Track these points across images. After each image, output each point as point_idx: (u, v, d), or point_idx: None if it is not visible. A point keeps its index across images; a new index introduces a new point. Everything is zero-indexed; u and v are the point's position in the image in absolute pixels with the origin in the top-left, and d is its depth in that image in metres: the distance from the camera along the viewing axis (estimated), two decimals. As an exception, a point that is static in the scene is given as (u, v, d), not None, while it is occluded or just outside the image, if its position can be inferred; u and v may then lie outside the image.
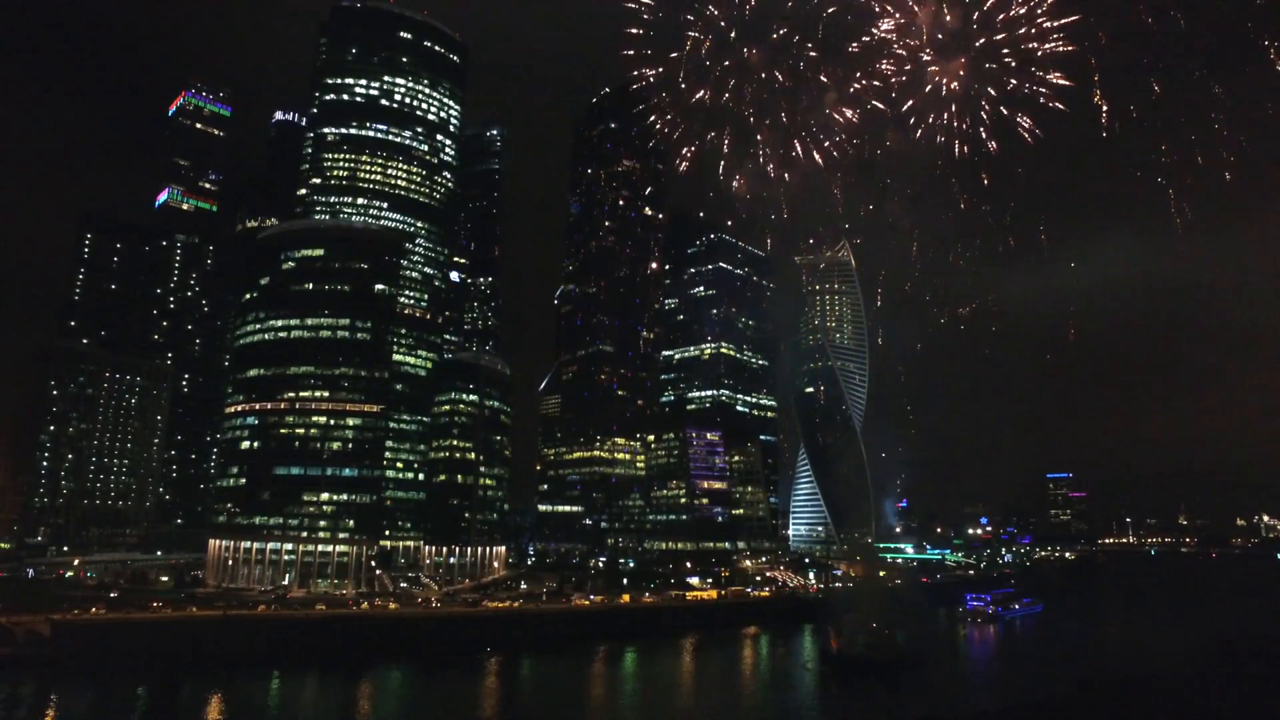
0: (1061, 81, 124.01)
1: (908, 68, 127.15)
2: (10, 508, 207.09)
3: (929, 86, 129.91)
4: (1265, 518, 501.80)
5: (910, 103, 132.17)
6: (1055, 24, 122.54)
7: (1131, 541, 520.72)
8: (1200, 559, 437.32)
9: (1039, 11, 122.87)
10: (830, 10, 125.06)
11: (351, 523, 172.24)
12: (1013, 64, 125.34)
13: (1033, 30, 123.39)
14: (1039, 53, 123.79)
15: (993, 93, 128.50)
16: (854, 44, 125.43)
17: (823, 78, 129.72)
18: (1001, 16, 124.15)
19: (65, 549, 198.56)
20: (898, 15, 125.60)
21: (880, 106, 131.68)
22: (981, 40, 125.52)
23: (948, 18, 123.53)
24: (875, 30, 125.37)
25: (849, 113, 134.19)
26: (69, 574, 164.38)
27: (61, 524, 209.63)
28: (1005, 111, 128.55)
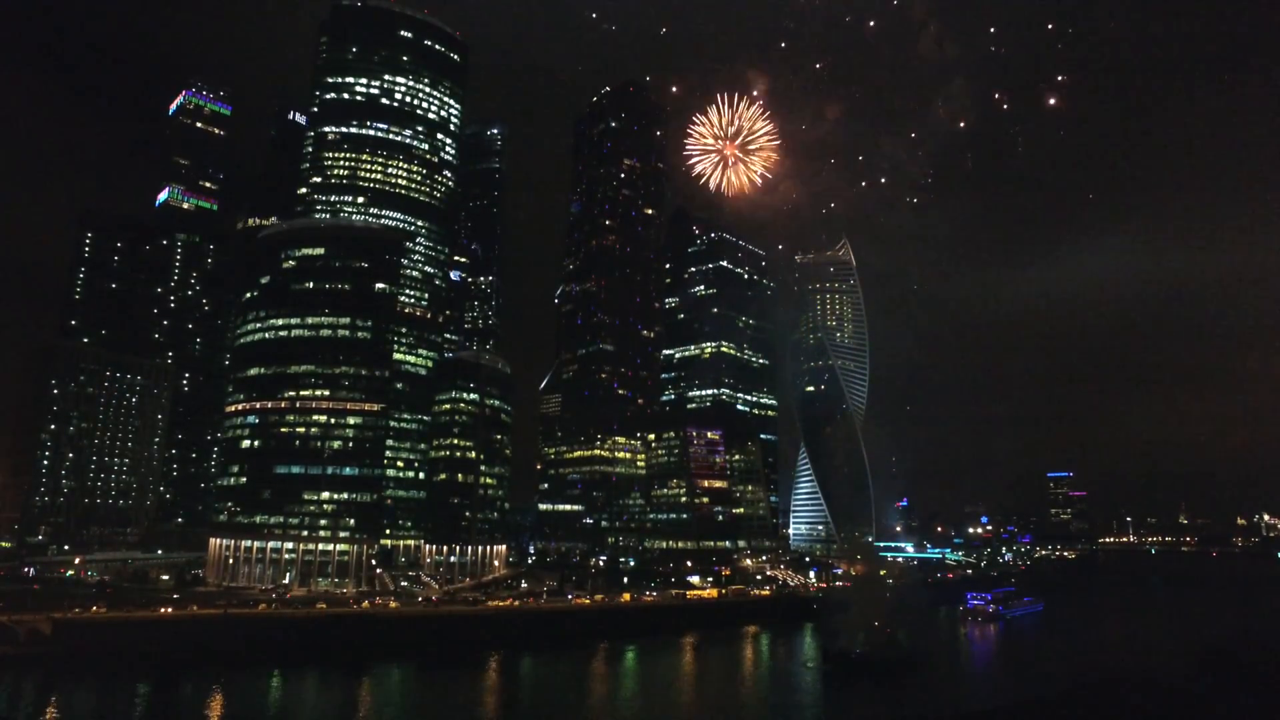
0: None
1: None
2: (11, 506, 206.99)
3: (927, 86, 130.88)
4: (1266, 517, 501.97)
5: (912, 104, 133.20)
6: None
7: (1132, 541, 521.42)
8: (1201, 558, 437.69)
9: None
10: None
11: (352, 521, 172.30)
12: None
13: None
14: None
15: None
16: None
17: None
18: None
19: (66, 548, 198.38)
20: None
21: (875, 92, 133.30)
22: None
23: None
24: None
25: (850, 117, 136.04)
26: (70, 573, 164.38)
27: (62, 523, 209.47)
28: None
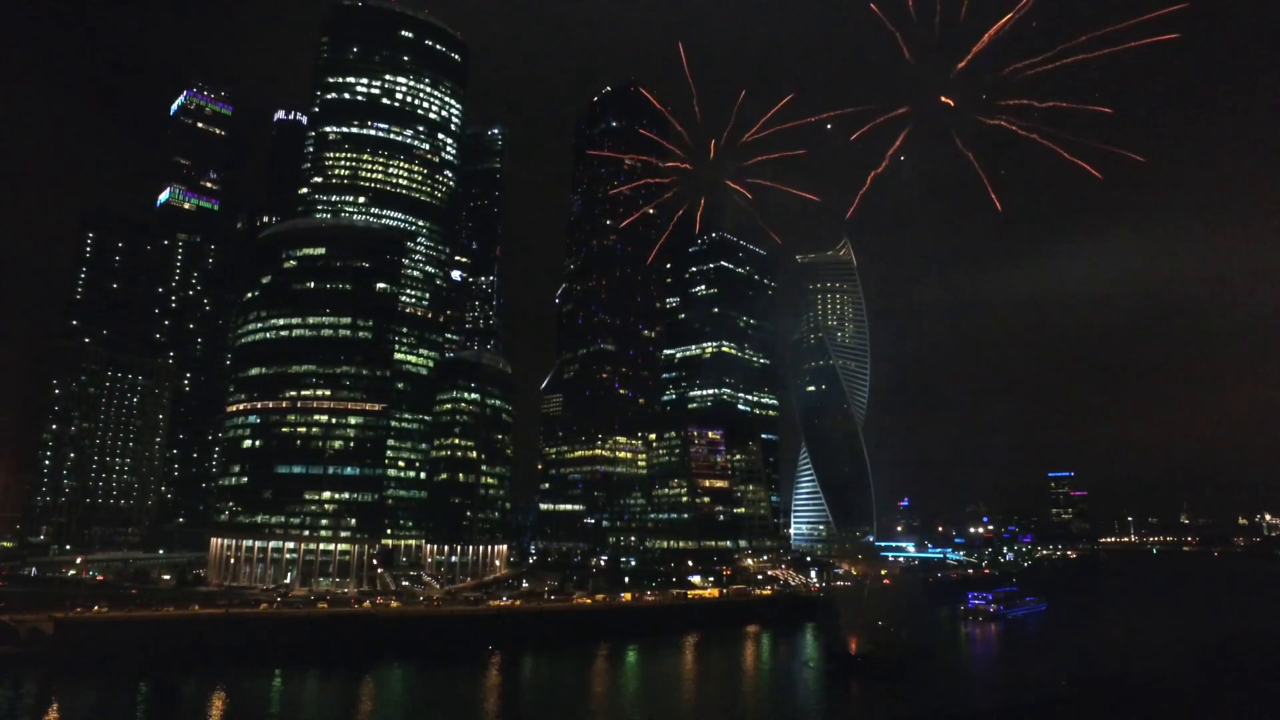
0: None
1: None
2: (13, 506, 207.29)
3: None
4: (1267, 516, 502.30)
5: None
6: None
7: (1134, 540, 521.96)
8: (1202, 558, 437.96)
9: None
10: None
11: (353, 521, 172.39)
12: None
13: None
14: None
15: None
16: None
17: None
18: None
19: (68, 547, 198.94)
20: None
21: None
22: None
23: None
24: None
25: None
26: (71, 572, 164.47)
27: (64, 522, 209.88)
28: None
